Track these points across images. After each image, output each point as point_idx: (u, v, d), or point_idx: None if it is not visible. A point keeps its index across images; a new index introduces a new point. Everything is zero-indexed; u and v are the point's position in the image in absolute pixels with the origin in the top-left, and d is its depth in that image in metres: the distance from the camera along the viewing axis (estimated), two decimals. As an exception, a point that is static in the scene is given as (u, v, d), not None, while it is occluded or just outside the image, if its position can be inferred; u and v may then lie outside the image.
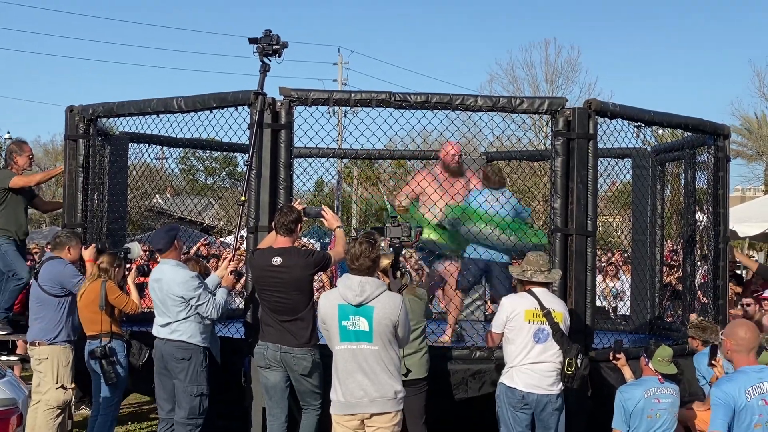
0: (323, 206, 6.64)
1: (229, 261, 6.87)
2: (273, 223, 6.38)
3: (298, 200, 6.87)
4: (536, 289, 6.11)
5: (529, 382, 5.96)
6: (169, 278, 6.42)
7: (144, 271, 7.57)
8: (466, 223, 7.87)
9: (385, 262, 6.13)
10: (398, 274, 6.15)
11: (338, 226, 6.48)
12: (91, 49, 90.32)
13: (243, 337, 7.09)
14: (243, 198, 6.92)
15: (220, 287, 6.70)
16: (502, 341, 6.14)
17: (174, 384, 6.49)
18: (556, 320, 6.01)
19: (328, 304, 5.30)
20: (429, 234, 8.06)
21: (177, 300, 6.38)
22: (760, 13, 64.04)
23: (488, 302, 10.50)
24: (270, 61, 7.13)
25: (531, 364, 5.97)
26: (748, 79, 65.20)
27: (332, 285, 11.13)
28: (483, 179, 8.19)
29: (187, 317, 6.40)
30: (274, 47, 7.05)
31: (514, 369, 6.01)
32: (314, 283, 6.47)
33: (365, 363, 5.18)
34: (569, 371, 5.95)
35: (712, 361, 5.87)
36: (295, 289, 6.11)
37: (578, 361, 5.96)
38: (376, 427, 5.23)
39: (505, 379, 6.08)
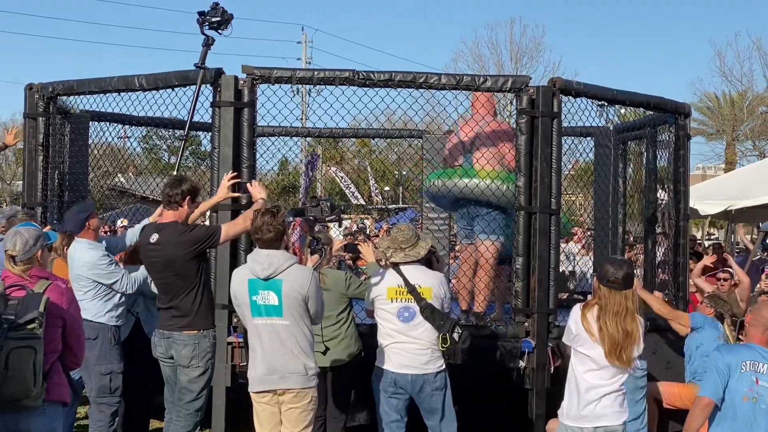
0: (253, 180, 6.37)
1: None
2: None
3: (254, 181, 6.50)
4: (403, 265, 5.79)
5: (401, 363, 5.66)
6: (78, 258, 6.29)
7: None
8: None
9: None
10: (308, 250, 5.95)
11: (261, 198, 5.97)
12: (51, 27, 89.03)
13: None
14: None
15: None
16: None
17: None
18: (423, 296, 5.68)
19: (238, 279, 5.25)
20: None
21: (85, 280, 6.24)
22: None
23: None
24: (219, 34, 6.89)
25: (400, 344, 5.68)
26: (708, 59, 65.95)
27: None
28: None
29: (95, 297, 6.27)
30: (217, 20, 6.80)
31: (386, 350, 5.74)
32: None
33: (277, 338, 5.11)
34: (444, 347, 5.65)
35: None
36: (170, 270, 5.60)
37: (454, 336, 5.63)
38: (289, 406, 5.15)
39: (377, 360, 5.81)
